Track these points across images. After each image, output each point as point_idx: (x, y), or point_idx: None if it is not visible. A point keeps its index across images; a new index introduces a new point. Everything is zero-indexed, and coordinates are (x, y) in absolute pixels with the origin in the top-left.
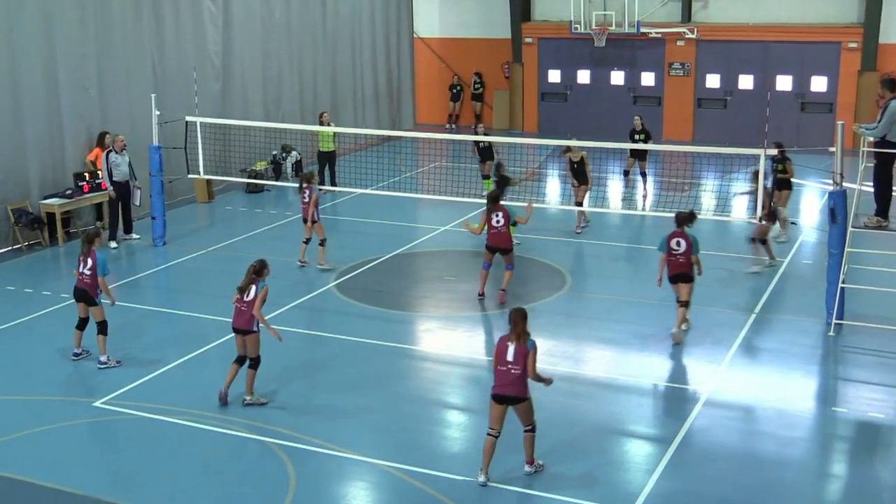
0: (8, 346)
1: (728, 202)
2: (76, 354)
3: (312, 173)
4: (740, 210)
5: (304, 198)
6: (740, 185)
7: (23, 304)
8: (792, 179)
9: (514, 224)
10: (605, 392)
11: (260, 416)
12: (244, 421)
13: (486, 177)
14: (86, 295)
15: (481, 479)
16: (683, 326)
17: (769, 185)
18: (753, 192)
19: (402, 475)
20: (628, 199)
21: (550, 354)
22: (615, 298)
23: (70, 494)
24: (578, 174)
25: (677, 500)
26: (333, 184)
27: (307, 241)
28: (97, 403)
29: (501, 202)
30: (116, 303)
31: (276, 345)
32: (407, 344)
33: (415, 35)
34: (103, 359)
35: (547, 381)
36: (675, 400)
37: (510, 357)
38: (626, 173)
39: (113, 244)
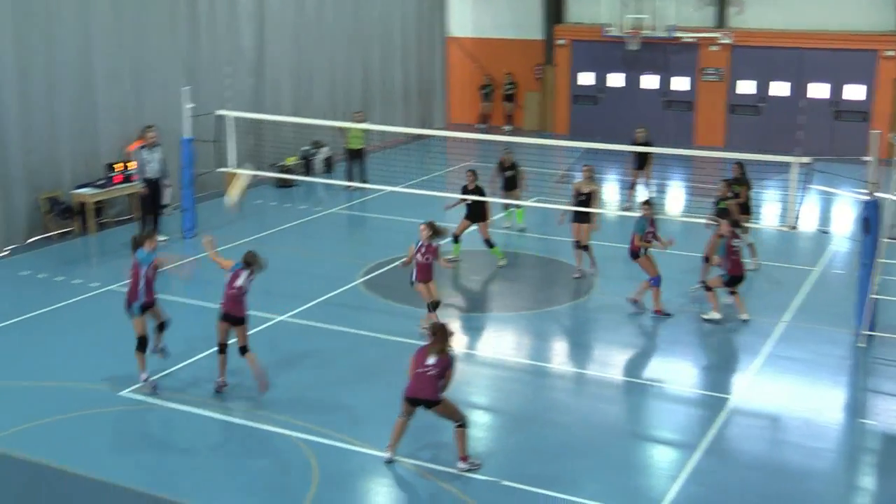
0: (37, 333)
1: (759, 209)
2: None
3: (433, 225)
4: (771, 217)
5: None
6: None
7: (53, 292)
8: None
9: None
10: (631, 396)
11: (285, 410)
12: (269, 414)
13: (506, 207)
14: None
15: (387, 455)
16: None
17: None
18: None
19: (425, 473)
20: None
21: (576, 358)
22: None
23: (96, 482)
24: (583, 211)
25: None
26: (364, 181)
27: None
28: (123, 393)
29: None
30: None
31: (305, 341)
32: None
33: (447, 34)
34: (142, 376)
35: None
36: (701, 407)
37: (431, 361)
38: (632, 186)
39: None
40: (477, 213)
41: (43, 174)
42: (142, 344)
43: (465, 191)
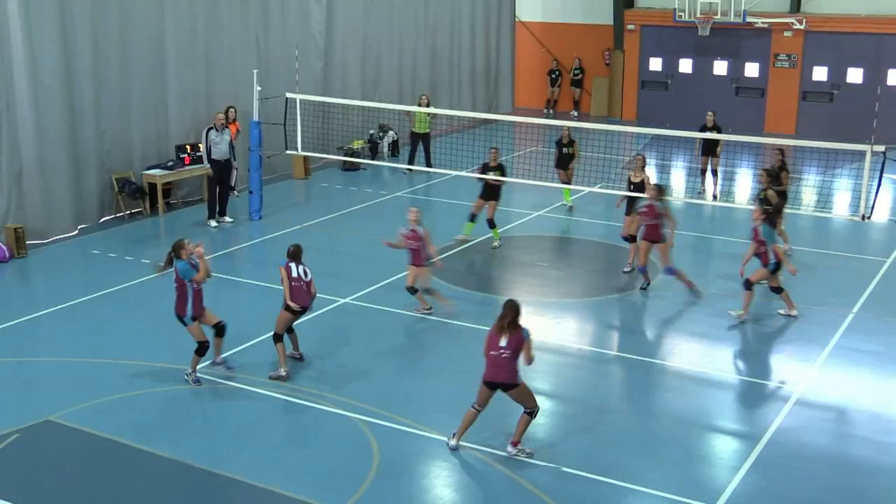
0: (107, 311)
1: (830, 198)
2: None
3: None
4: (842, 206)
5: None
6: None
7: (123, 271)
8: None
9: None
10: (693, 385)
11: (346, 392)
12: (331, 396)
13: (566, 182)
14: (177, 315)
15: (452, 443)
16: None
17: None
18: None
19: (484, 458)
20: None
21: (638, 346)
22: (706, 291)
23: (160, 458)
24: (634, 201)
25: (763, 500)
26: (428, 165)
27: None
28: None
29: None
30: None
31: (368, 323)
32: None
33: (517, 19)
34: (189, 371)
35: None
36: (765, 397)
37: (503, 343)
38: (702, 172)
39: (213, 223)
40: (492, 191)
41: (114, 155)
42: (202, 348)
43: (486, 168)
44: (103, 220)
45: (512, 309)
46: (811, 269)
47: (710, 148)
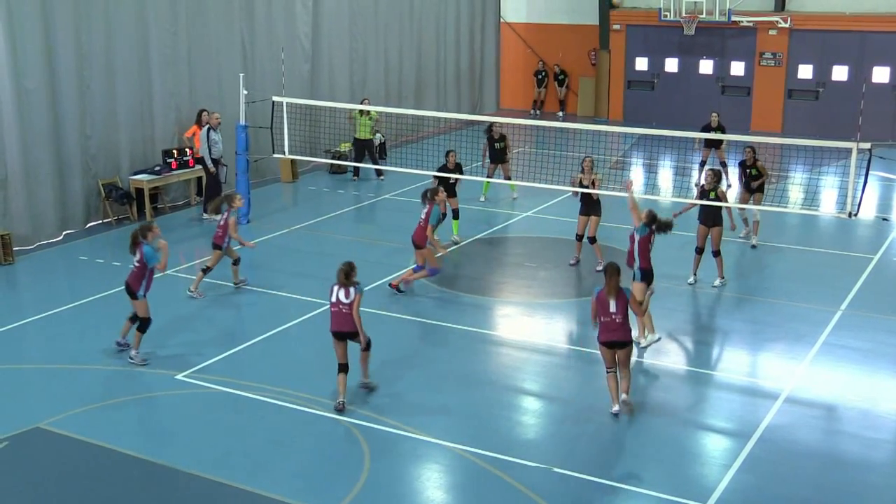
0: (95, 316)
1: (817, 196)
2: (119, 344)
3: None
4: (829, 204)
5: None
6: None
7: (111, 276)
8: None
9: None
10: (683, 385)
11: (336, 395)
12: (321, 399)
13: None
14: (129, 288)
15: (615, 408)
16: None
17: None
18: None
19: (475, 459)
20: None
21: None
22: (693, 290)
23: (150, 463)
24: (589, 201)
25: (754, 497)
26: (376, 168)
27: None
28: (179, 376)
29: None
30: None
31: None
32: (485, 329)
33: (502, 20)
34: (133, 353)
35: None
36: (755, 395)
37: (612, 308)
38: (702, 164)
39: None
40: (454, 188)
41: (100, 160)
42: (146, 324)
43: (446, 170)
44: (90, 225)
45: (615, 272)
46: (799, 266)
47: (712, 141)
